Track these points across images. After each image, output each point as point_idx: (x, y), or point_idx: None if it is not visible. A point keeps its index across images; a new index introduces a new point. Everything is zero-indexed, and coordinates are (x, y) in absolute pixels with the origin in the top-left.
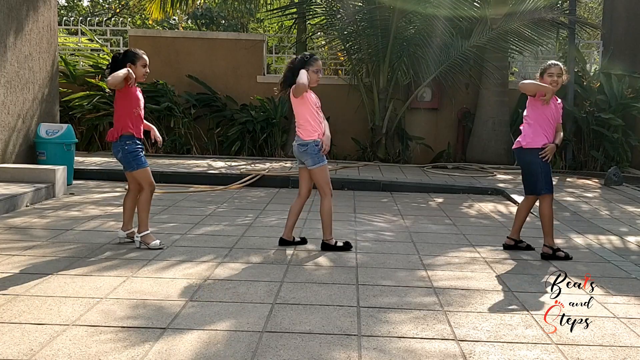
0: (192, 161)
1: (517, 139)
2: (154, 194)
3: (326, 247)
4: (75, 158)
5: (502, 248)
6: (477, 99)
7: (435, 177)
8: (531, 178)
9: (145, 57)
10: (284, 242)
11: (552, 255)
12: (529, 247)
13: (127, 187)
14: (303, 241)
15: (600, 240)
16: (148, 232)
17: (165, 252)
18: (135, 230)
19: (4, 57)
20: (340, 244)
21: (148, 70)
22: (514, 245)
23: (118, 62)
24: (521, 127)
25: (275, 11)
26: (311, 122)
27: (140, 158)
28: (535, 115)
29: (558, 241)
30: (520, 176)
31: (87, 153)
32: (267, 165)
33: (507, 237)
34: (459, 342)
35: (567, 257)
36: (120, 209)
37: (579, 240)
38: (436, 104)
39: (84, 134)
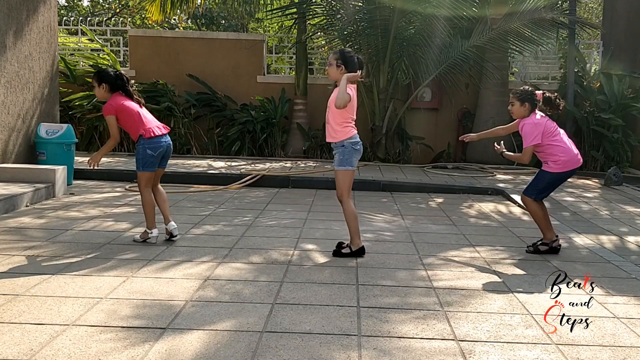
0: (192, 161)
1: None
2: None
3: (355, 252)
4: (75, 158)
5: (502, 248)
6: (477, 99)
7: (435, 177)
8: (536, 181)
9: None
10: (362, 251)
11: (550, 249)
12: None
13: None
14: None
15: (600, 240)
16: (151, 231)
17: (165, 252)
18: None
19: (4, 57)
20: (347, 250)
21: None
22: (550, 249)
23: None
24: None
25: (275, 11)
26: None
27: (150, 163)
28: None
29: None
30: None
31: (87, 153)
32: (267, 165)
33: (541, 243)
34: (459, 342)
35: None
36: (120, 209)
37: (579, 240)
38: (436, 104)
39: (84, 134)
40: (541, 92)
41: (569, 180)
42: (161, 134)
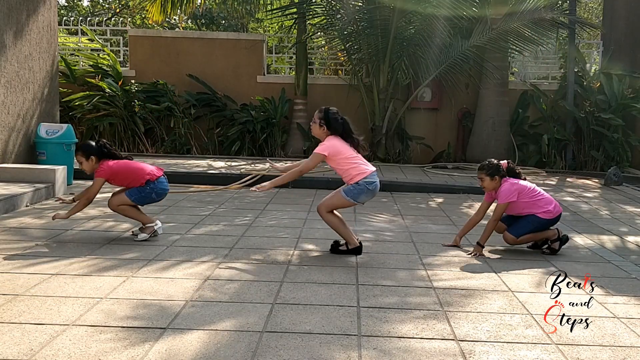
0: (192, 161)
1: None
2: None
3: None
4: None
5: (502, 248)
6: (477, 99)
7: (435, 177)
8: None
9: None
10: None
11: (561, 241)
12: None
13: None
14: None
15: (601, 240)
16: (154, 223)
17: (165, 252)
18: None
19: (4, 57)
20: (344, 247)
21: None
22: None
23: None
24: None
25: (275, 11)
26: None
27: (146, 202)
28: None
29: None
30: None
31: None
32: (267, 165)
33: (552, 241)
34: (459, 342)
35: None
36: None
37: (579, 240)
38: (436, 104)
39: (84, 134)
40: (505, 162)
41: (568, 180)
42: (162, 175)
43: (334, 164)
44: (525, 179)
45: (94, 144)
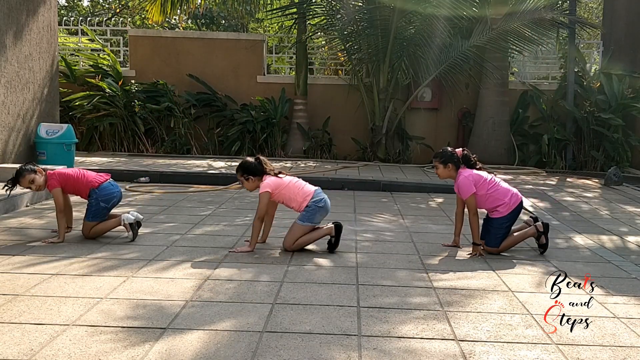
0: (192, 161)
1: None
2: (154, 193)
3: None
4: (75, 158)
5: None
6: (477, 99)
7: (435, 177)
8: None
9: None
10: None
11: (544, 232)
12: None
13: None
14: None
15: (601, 240)
16: (123, 219)
17: (165, 252)
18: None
19: (4, 57)
20: (332, 241)
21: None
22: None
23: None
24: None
25: (275, 11)
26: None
27: (102, 214)
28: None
29: (558, 241)
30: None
31: (87, 153)
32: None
33: (537, 238)
34: (459, 342)
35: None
36: (120, 209)
37: (579, 240)
38: (436, 104)
39: (84, 134)
40: (460, 149)
41: (568, 180)
42: (107, 181)
43: (280, 197)
44: (480, 169)
45: (24, 167)
